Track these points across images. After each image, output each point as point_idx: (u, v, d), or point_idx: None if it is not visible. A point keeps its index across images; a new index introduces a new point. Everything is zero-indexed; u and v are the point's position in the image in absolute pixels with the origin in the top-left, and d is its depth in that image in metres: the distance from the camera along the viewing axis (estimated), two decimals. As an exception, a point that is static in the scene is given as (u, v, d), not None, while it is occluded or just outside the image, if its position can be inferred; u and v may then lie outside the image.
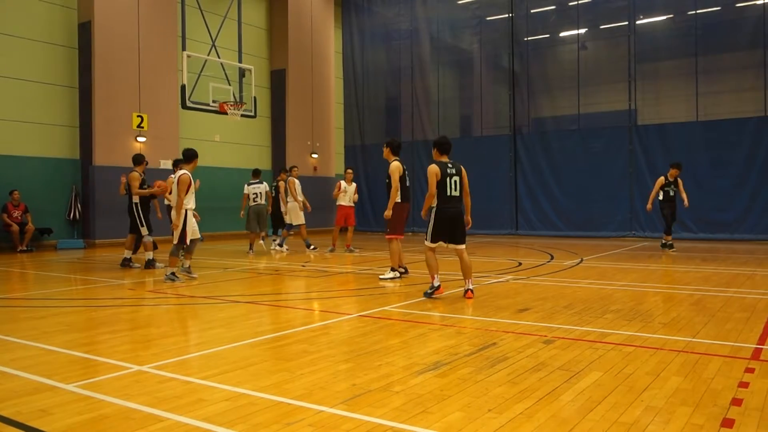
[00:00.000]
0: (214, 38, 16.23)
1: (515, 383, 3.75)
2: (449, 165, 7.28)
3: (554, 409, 3.30)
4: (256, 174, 14.22)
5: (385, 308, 6.53)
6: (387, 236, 9.35)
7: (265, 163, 21.42)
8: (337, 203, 13.98)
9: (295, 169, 14.55)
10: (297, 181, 14.04)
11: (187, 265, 9.22)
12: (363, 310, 6.38)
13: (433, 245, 7.34)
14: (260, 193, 13.83)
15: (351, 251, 13.90)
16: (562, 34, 19.17)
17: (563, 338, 5.00)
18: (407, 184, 9.53)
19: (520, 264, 10.95)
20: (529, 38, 19.03)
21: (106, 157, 15.88)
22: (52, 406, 3.42)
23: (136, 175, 10.72)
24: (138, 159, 11.10)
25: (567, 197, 17.90)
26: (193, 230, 9.12)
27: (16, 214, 14.36)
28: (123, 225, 15.92)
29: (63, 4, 15.98)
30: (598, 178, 17.34)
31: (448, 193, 7.19)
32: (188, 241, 8.98)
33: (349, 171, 14.56)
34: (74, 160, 16.08)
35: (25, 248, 14.31)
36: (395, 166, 9.22)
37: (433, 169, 7.19)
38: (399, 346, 4.76)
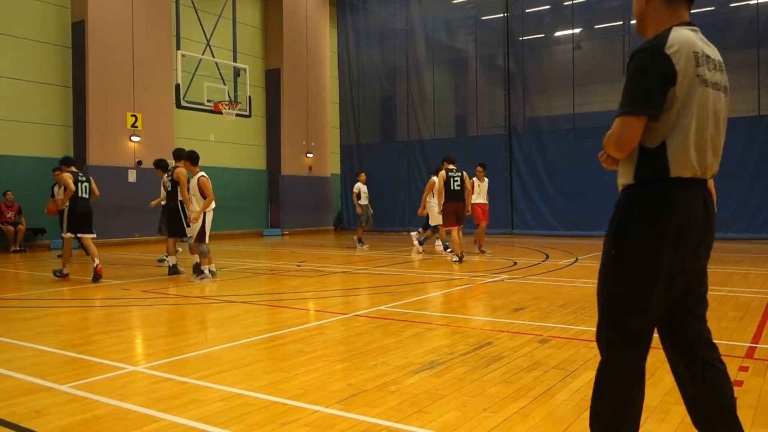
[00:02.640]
0: (208, 37, 16.21)
1: (510, 382, 3.76)
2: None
3: (549, 408, 3.30)
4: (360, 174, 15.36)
5: (381, 308, 6.52)
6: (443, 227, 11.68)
7: (260, 163, 21.40)
8: (473, 201, 12.38)
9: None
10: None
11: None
12: (358, 310, 6.37)
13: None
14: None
15: (483, 252, 12.66)
16: (557, 34, 19.21)
17: (558, 337, 5.01)
18: (452, 187, 11.14)
19: (516, 263, 10.96)
20: (524, 38, 19.05)
21: (100, 156, 15.82)
22: (46, 407, 3.40)
23: (183, 172, 9.49)
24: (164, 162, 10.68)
25: (562, 197, 17.93)
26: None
27: (10, 214, 14.29)
28: (116, 224, 16.00)
29: (57, 3, 15.91)
30: (593, 177, 17.33)
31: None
32: (207, 239, 9.02)
33: (481, 168, 12.97)
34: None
35: (18, 248, 14.24)
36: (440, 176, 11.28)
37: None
38: (394, 346, 4.76)
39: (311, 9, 22.39)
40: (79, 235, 9.42)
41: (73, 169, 9.67)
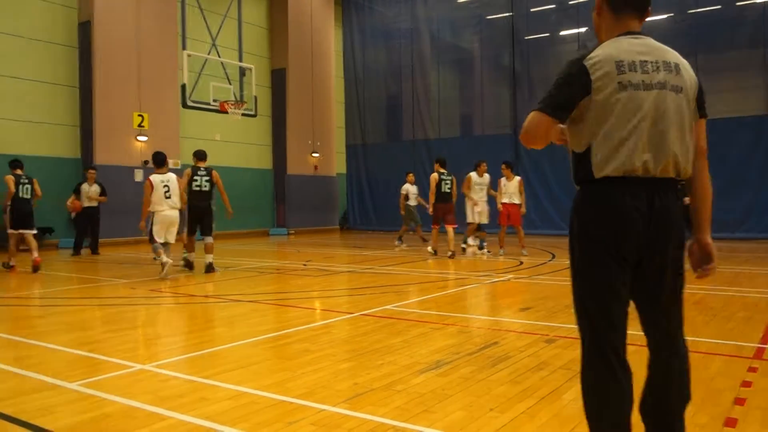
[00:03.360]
0: (214, 37, 16.25)
1: (517, 382, 3.76)
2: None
3: (556, 408, 3.30)
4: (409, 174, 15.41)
5: (387, 307, 6.53)
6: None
7: (266, 163, 21.44)
8: (501, 201, 12.26)
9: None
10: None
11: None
12: (364, 309, 6.38)
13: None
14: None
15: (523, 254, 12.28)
16: (562, 33, 19.15)
17: (565, 337, 5.00)
18: (443, 189, 12.10)
19: (522, 263, 10.95)
20: (529, 37, 19.01)
21: (107, 156, 15.87)
22: (55, 405, 3.42)
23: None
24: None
25: (568, 196, 17.83)
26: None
27: (17, 213, 14.34)
28: (123, 223, 16.05)
29: (63, 3, 15.97)
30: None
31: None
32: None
33: (505, 166, 12.50)
34: (75, 159, 16.07)
35: (26, 247, 14.27)
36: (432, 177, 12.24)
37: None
38: (400, 345, 4.76)
39: (316, 9, 22.41)
40: (21, 231, 10.57)
41: (18, 171, 10.75)
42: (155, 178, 9.25)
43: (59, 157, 15.81)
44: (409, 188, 15.16)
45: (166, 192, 9.24)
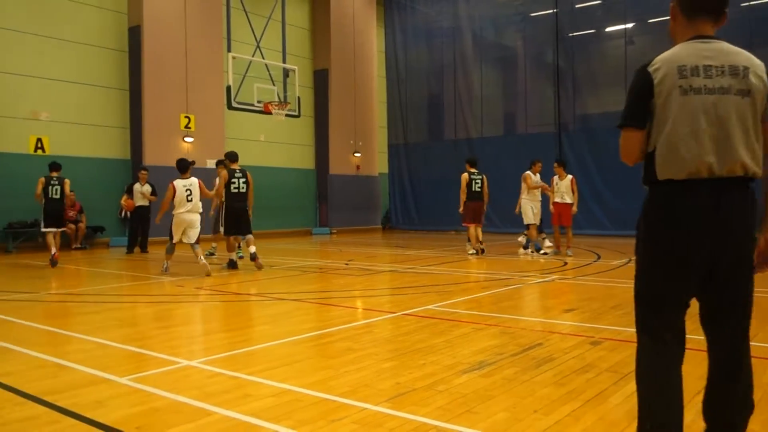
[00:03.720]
0: (258, 39, 16.47)
1: (562, 384, 3.70)
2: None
3: (602, 411, 3.23)
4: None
5: (429, 307, 6.52)
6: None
7: (309, 163, 21.65)
8: (554, 201, 12.12)
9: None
10: (530, 175, 12.57)
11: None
12: (406, 309, 6.38)
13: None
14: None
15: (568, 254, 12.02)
16: (608, 29, 18.75)
17: (611, 339, 4.90)
18: (473, 188, 12.50)
19: (566, 263, 10.77)
20: (574, 34, 18.68)
21: (156, 156, 16.28)
22: (106, 398, 3.53)
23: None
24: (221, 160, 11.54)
25: (614, 195, 17.49)
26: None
27: (72, 213, 14.86)
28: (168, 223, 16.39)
29: (114, 8, 16.47)
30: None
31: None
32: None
33: (557, 164, 12.40)
34: (125, 161, 16.55)
35: (78, 246, 14.81)
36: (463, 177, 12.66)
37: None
38: (443, 345, 4.75)
39: (359, 9, 22.52)
40: (51, 229, 11.30)
41: (53, 174, 11.47)
42: (178, 182, 9.72)
43: (110, 159, 16.30)
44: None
45: (188, 195, 9.67)
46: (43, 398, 3.52)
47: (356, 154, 22.33)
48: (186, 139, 17.03)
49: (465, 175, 12.54)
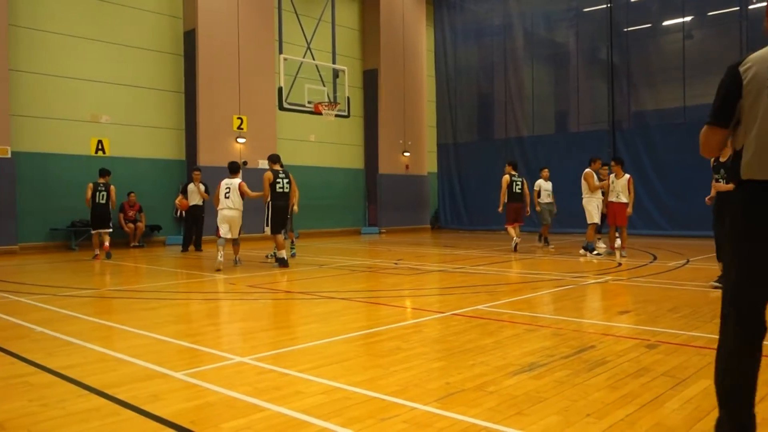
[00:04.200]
0: (309, 41, 16.67)
1: (616, 388, 3.61)
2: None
3: (658, 416, 3.14)
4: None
5: (478, 307, 6.46)
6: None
7: (358, 162, 21.78)
8: (608, 200, 11.79)
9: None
10: (591, 173, 12.28)
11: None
12: (456, 309, 6.34)
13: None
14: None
15: (622, 255, 11.62)
16: (665, 23, 18.18)
17: (668, 343, 4.75)
18: (514, 189, 13.35)
19: (620, 264, 10.51)
20: (629, 29, 18.19)
21: (210, 157, 16.69)
22: (162, 392, 3.64)
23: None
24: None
25: (671, 195, 16.96)
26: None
27: (131, 213, 15.39)
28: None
29: (170, 13, 16.95)
30: (705, 174, 16.28)
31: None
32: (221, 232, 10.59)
33: (615, 162, 11.89)
34: (180, 161, 17.02)
35: (137, 244, 15.32)
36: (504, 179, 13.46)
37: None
38: (493, 346, 4.70)
39: (408, 8, 22.51)
40: (98, 230, 12.40)
41: (101, 180, 12.56)
42: (223, 182, 10.57)
43: (166, 159, 16.79)
44: (542, 184, 14.29)
45: (226, 193, 10.43)
46: (103, 391, 3.65)
47: (405, 154, 22.34)
48: (239, 139, 17.39)
49: (506, 177, 13.37)
